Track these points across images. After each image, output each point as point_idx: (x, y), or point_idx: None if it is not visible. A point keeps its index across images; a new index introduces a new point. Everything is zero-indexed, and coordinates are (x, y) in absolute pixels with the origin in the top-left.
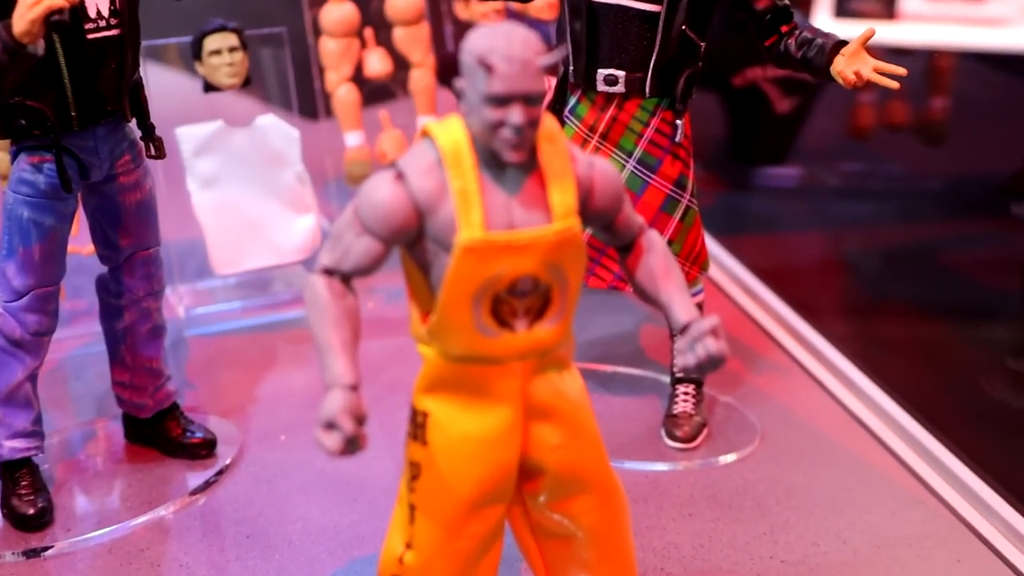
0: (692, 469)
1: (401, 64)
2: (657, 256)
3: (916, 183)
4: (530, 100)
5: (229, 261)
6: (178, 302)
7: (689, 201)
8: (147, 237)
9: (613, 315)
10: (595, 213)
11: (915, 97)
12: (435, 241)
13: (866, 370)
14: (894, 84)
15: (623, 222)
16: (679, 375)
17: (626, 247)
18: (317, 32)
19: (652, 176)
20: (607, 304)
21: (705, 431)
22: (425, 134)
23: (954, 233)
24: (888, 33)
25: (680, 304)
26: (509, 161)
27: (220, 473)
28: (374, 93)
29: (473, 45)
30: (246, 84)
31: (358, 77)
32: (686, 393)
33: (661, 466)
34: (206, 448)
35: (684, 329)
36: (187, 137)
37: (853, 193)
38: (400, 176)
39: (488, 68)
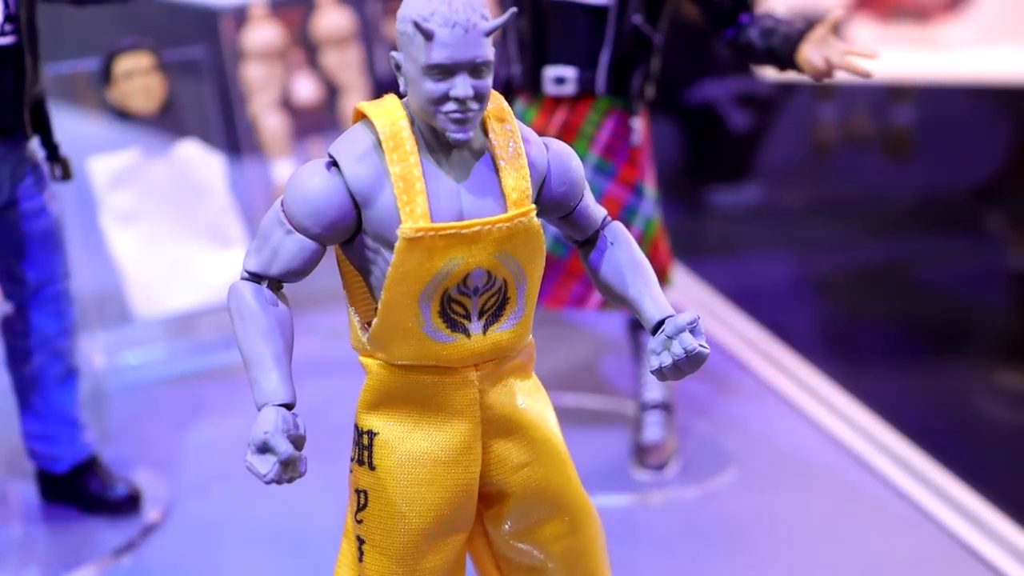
0: (666, 502)
1: (332, 90)
2: (623, 249)
3: (883, 197)
4: (476, 70)
5: (151, 303)
6: (97, 350)
7: (652, 210)
8: (55, 269)
9: (571, 346)
10: (553, 201)
11: (878, 109)
12: (374, 236)
13: (847, 391)
14: (867, 70)
15: (583, 212)
16: (648, 402)
17: (588, 241)
18: (238, 57)
19: (608, 183)
20: (564, 334)
21: (677, 459)
22: (360, 116)
23: (927, 247)
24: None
25: (651, 300)
26: (454, 140)
27: (147, 530)
28: (304, 125)
29: (409, 10)
30: (165, 111)
31: (287, 104)
32: (655, 420)
33: (632, 500)
34: (130, 503)
35: (658, 327)
36: (100, 168)
37: (819, 210)
38: (332, 164)
39: (427, 35)
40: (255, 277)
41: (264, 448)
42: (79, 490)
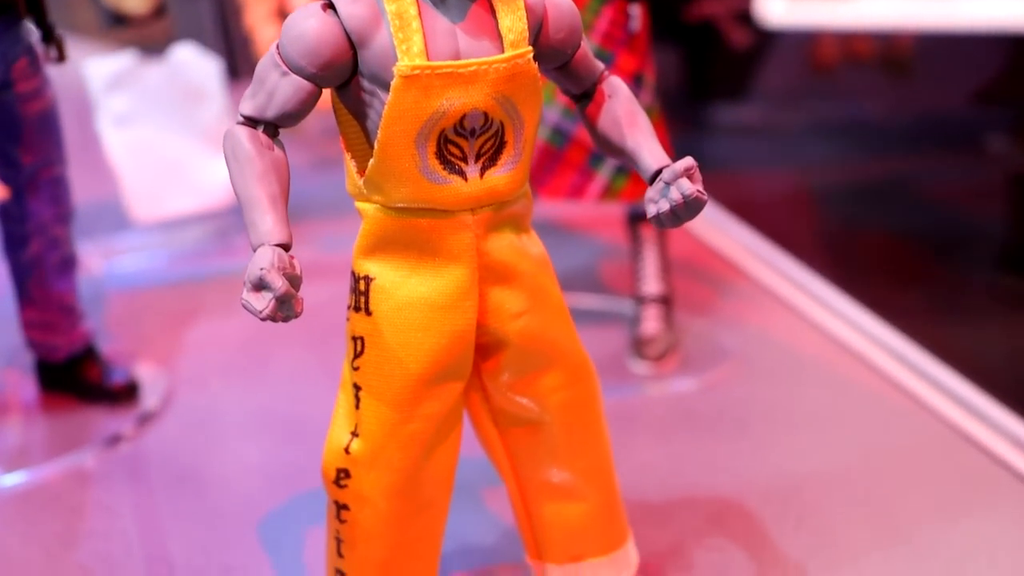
0: (663, 392)
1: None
2: (621, 101)
3: (884, 116)
4: None
5: (148, 207)
6: (96, 257)
7: (650, 100)
8: (51, 153)
9: (569, 250)
10: (550, 48)
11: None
12: (370, 77)
13: (844, 292)
14: None
15: (581, 62)
16: (646, 296)
17: (586, 94)
18: None
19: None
20: (562, 239)
21: (675, 353)
22: None
23: (927, 164)
24: (843, 12)
25: (649, 150)
26: None
27: (145, 419)
28: None
29: None
30: (159, 14)
31: (283, 15)
32: (653, 313)
33: (630, 390)
34: (128, 392)
35: (655, 176)
36: (97, 72)
37: (818, 129)
38: (328, 5)
39: None
40: (251, 121)
41: (260, 285)
42: (77, 378)
